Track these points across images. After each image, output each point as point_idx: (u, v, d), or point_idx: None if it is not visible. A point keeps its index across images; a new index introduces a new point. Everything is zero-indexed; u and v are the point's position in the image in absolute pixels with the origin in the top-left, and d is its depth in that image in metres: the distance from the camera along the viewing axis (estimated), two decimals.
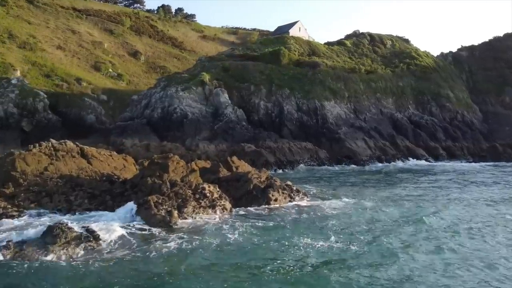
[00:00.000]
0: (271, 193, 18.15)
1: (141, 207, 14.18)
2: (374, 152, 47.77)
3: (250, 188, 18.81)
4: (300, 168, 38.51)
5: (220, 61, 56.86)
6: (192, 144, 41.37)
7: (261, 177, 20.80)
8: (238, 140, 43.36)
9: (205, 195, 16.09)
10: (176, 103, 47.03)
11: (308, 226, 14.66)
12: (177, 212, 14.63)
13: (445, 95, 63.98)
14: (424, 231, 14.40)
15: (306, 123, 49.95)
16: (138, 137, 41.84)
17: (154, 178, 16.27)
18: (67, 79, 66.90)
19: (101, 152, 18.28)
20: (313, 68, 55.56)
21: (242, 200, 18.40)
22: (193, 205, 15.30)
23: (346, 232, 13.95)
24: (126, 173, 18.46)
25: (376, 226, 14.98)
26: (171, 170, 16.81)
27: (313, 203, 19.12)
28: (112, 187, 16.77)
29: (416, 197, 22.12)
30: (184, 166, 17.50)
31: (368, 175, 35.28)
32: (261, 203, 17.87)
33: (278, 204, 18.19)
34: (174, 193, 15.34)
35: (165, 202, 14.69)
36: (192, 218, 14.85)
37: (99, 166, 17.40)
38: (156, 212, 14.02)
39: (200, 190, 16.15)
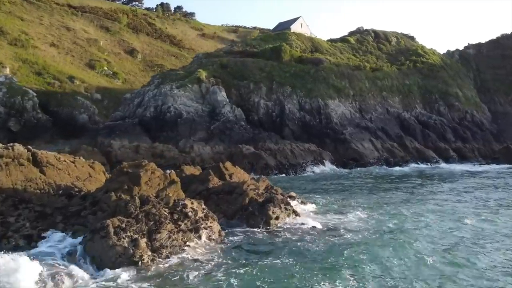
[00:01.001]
0: (271, 210, 14.25)
1: (95, 235, 10.31)
2: (381, 154, 43.86)
3: (245, 202, 14.93)
4: (304, 172, 34.60)
5: (218, 58, 52.97)
6: (186, 145, 37.48)
7: (259, 188, 16.92)
8: (236, 141, 39.50)
9: (186, 214, 12.21)
10: (170, 101, 43.14)
11: (321, 261, 10.75)
12: (146, 241, 10.76)
13: (453, 94, 60.01)
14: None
15: (309, 123, 46.04)
16: (127, 138, 37.94)
17: (121, 192, 12.40)
18: (60, 77, 63.11)
19: (60, 158, 14.42)
20: (316, 65, 51.65)
21: (236, 217, 14.52)
22: (169, 229, 11.42)
23: (371, 272, 10.04)
24: (92, 184, 14.62)
25: (412, 261, 11.06)
26: (144, 182, 12.92)
27: (322, 220, 15.21)
28: (69, 203, 12.92)
29: (449, 212, 18.17)
30: (161, 176, 13.58)
31: (379, 180, 31.34)
32: (259, 222, 13.98)
33: (280, 223, 14.30)
34: (144, 213, 11.48)
35: (131, 227, 10.83)
36: (166, 249, 10.95)
37: (56, 176, 13.56)
38: (116, 242, 10.15)
39: (180, 208, 12.27)
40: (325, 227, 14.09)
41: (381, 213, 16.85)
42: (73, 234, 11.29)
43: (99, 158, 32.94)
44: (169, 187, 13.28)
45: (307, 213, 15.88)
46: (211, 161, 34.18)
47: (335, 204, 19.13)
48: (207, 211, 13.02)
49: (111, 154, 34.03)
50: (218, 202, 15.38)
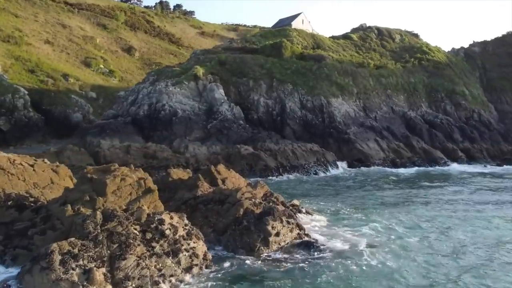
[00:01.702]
0: (271, 224, 11.50)
1: (35, 265, 7.60)
2: (387, 154, 41.06)
3: (239, 214, 12.19)
4: (306, 174, 31.79)
5: (216, 54, 50.20)
6: (180, 145, 34.73)
7: (256, 196, 14.16)
8: (234, 141, 36.76)
9: (162, 233, 9.49)
10: (164, 99, 40.38)
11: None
12: (105, 271, 8.03)
13: (460, 92, 57.16)
14: None
15: (310, 122, 43.27)
16: (119, 138, 35.21)
17: (81, 205, 9.67)
18: (53, 75, 60.42)
19: (15, 161, 11.72)
20: (318, 61, 48.85)
21: (227, 233, 11.78)
22: (138, 254, 8.70)
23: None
24: (53, 193, 11.90)
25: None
26: (111, 191, 10.18)
27: (334, 237, 12.46)
28: (19, 217, 10.20)
29: (483, 225, 15.43)
30: (134, 184, 10.80)
31: (390, 183, 28.57)
32: (256, 239, 11.22)
33: (281, 240, 11.55)
34: (107, 232, 8.78)
35: (86, 252, 8.12)
36: (133, 281, 8.21)
37: (5, 183, 10.86)
38: (60, 275, 7.43)
39: (155, 224, 9.55)
40: (337, 247, 11.33)
41: (403, 227, 14.08)
42: (12, 261, 8.56)
43: (87, 159, 30.27)
44: (144, 197, 10.53)
45: (314, 227, 13.13)
46: (207, 162, 31.45)
47: (346, 213, 16.36)
48: (191, 227, 10.27)
49: (99, 154, 31.29)
50: (207, 214, 12.64)
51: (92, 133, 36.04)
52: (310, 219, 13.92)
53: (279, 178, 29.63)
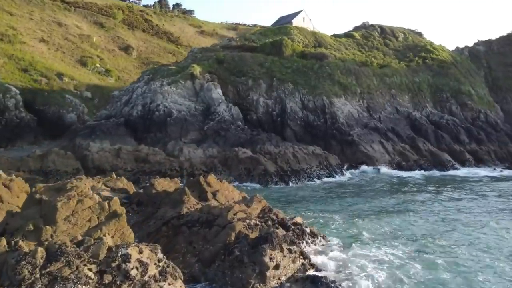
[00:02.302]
0: (269, 255, 9.14)
1: None
2: (393, 157, 38.70)
3: (230, 240, 9.85)
4: (308, 179, 29.39)
5: (214, 52, 47.85)
6: (175, 148, 32.36)
7: (251, 214, 11.81)
8: (232, 143, 34.40)
9: (127, 273, 7.17)
10: (159, 99, 38.03)
11: None
12: None
13: (466, 92, 54.75)
14: None
15: (312, 123, 40.92)
16: (110, 140, 32.84)
17: (22, 236, 7.34)
18: (47, 74, 58.07)
19: None
20: (320, 60, 46.47)
21: (215, 265, 9.43)
22: None
23: None
24: (1, 214, 9.58)
25: None
26: (62, 217, 7.80)
27: (350, 269, 10.09)
28: None
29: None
30: (94, 207, 8.43)
31: (398, 191, 26.22)
32: (250, 275, 8.85)
33: (281, 275, 9.20)
34: (49, 278, 6.48)
35: None
36: None
37: None
38: None
39: (117, 262, 7.24)
40: (351, 282, 8.96)
41: (437, 250, 11.70)
42: None
43: (73, 164, 27.92)
44: (107, 224, 8.16)
45: (322, 254, 10.76)
46: (202, 167, 29.12)
47: (359, 233, 13.95)
48: (166, 263, 7.91)
49: (87, 158, 28.92)
50: (191, 239, 10.29)
51: (82, 135, 33.66)
52: (317, 243, 11.54)
53: (279, 185, 27.23)
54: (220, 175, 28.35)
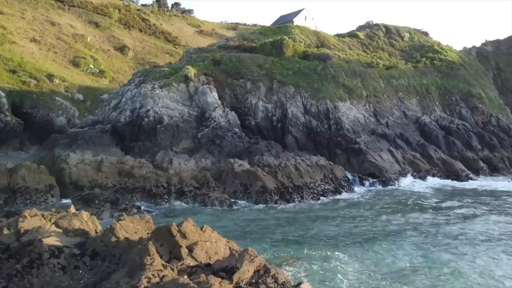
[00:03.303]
0: None
1: None
2: (403, 167, 34.95)
3: None
4: (312, 197, 25.61)
5: (211, 53, 44.08)
6: (164, 159, 28.60)
7: (241, 280, 8.12)
8: (227, 152, 30.65)
9: None
10: (149, 104, 34.25)
11: None
12: None
13: (476, 95, 50.91)
14: None
15: (315, 129, 37.16)
16: (92, 150, 29.07)
17: None
18: (37, 76, 54.39)
19: None
20: (324, 61, 42.66)
21: None
22: None
23: None
24: None
25: None
26: None
27: None
28: None
29: None
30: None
31: (419, 210, 22.49)
32: None
33: None
34: None
35: None
36: None
37: None
38: None
39: None
40: None
41: None
42: None
43: (46, 179, 24.17)
44: None
45: None
46: (193, 182, 25.37)
47: None
48: None
49: (63, 172, 25.20)
50: None
51: (62, 144, 29.84)
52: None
53: (279, 204, 23.46)
54: (213, 192, 24.67)
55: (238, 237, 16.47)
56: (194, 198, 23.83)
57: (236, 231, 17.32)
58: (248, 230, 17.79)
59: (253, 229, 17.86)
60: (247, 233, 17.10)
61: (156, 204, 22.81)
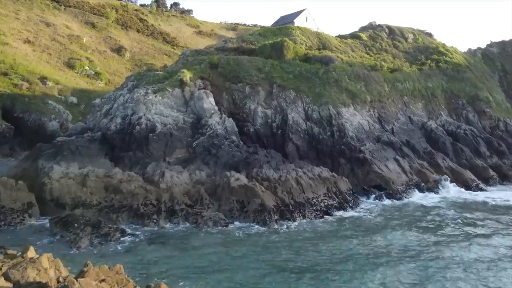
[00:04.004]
0: None
1: None
2: (410, 177, 32.56)
3: None
4: (315, 214, 23.25)
5: (208, 55, 41.67)
6: (155, 172, 26.23)
7: None
8: (224, 163, 28.29)
9: None
10: (142, 110, 31.85)
11: None
12: None
13: (484, 98, 48.51)
14: None
15: (317, 136, 34.77)
16: (79, 161, 26.70)
17: None
18: (29, 78, 52.00)
19: None
20: (326, 64, 40.27)
21: None
22: None
23: None
24: None
25: None
26: None
27: None
28: None
29: None
30: None
31: (436, 228, 20.12)
32: None
33: None
34: None
35: None
36: None
37: None
38: None
39: None
40: None
41: None
42: None
43: (24, 197, 21.82)
44: None
45: None
46: (185, 199, 23.01)
47: None
48: None
49: (44, 188, 22.86)
50: None
51: (47, 155, 27.47)
52: None
53: (279, 224, 21.08)
54: (207, 210, 22.32)
55: (228, 271, 14.18)
56: (186, 218, 21.47)
57: (226, 266, 15.05)
58: (241, 263, 15.47)
59: (246, 262, 15.54)
60: (238, 269, 14.80)
61: (144, 225, 20.44)
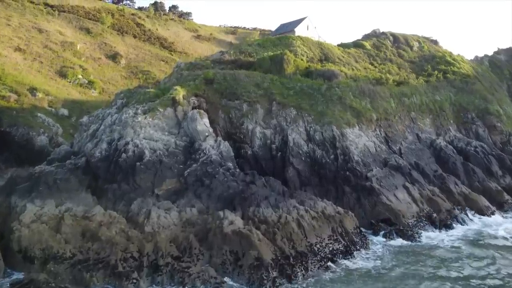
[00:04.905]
0: None
1: None
2: (421, 207, 29.37)
3: None
4: (320, 265, 20.08)
5: (203, 70, 38.41)
6: (141, 210, 23.05)
7: None
8: (218, 196, 25.16)
9: None
10: (129, 134, 28.58)
11: None
12: None
13: (494, 112, 45.25)
14: None
15: (320, 160, 31.57)
16: (56, 197, 23.50)
17: None
18: (18, 89, 48.71)
19: None
20: (329, 79, 37.01)
21: None
22: None
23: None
24: None
25: None
26: None
27: None
28: None
29: None
30: None
31: (457, 279, 17.00)
32: None
33: None
34: None
35: None
36: None
37: None
38: None
39: None
40: None
41: None
42: None
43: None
44: None
45: None
46: (172, 250, 19.81)
47: None
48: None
49: (12, 237, 19.70)
50: None
51: (22, 189, 24.29)
52: None
53: (278, 283, 17.88)
54: (195, 264, 19.17)
55: None
56: (171, 276, 18.30)
57: None
58: None
59: None
60: None
61: (122, 287, 17.29)
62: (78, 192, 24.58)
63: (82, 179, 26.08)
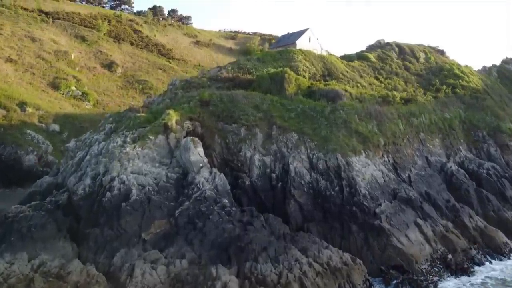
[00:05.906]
0: None
1: None
2: (435, 248, 26.30)
3: None
4: None
5: (199, 88, 35.36)
6: (124, 264, 20.08)
7: None
8: (212, 242, 22.26)
9: None
10: (115, 169, 25.47)
11: None
12: None
13: (506, 130, 42.08)
14: None
15: (323, 191, 28.49)
16: (30, 248, 20.52)
17: None
18: (7, 104, 45.74)
19: None
20: (333, 100, 33.89)
21: None
22: None
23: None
24: None
25: None
26: None
27: None
28: None
29: None
30: None
31: None
32: None
33: None
34: None
35: None
36: None
37: None
38: None
39: None
40: None
41: None
42: None
43: None
44: None
45: None
46: None
47: None
48: None
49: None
50: None
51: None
52: None
53: None
54: None
55: None
56: None
57: None
58: None
59: None
60: None
61: None
62: (55, 240, 21.59)
63: (62, 221, 23.16)
